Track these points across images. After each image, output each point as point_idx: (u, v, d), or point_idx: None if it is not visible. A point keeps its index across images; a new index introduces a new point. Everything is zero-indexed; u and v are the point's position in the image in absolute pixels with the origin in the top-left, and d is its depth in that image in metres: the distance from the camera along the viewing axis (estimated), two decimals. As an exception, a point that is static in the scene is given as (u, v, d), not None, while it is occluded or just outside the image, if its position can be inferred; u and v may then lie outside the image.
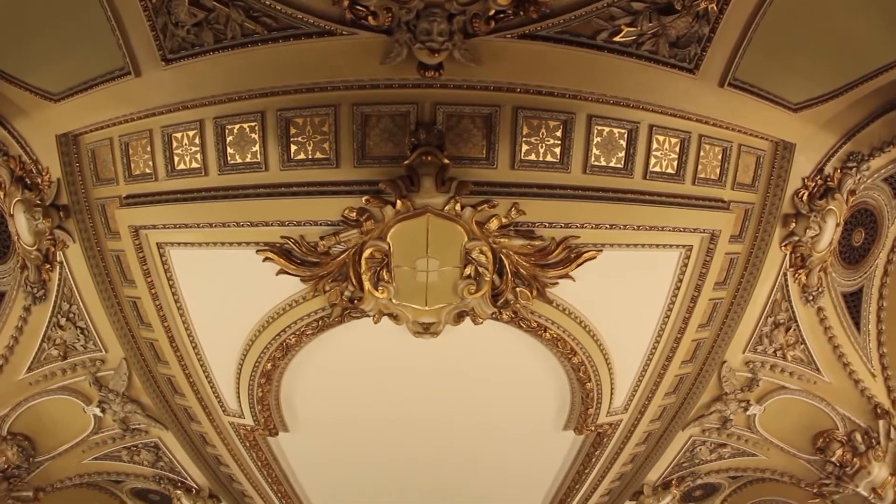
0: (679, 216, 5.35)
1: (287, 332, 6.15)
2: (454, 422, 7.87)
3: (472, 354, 6.63)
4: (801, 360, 7.04)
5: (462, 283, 5.33)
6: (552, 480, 9.63)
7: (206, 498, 9.77)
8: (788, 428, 7.83)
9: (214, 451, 8.67)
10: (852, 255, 6.75)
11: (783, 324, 6.72)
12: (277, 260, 5.25)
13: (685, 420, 7.78)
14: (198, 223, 5.27)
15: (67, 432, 7.95)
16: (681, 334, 6.47)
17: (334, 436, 8.26)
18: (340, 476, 9.52)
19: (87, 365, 7.06)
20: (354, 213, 4.85)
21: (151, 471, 9.12)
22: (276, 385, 6.94)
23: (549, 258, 5.30)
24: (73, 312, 6.64)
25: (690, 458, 8.80)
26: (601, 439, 8.12)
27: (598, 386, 6.88)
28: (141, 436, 8.24)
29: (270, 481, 9.37)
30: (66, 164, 5.34)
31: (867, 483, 7.34)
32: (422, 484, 9.76)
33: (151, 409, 7.65)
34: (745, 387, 7.24)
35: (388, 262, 5.15)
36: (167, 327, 6.43)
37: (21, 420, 7.41)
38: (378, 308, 5.58)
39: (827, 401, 7.30)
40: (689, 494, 9.91)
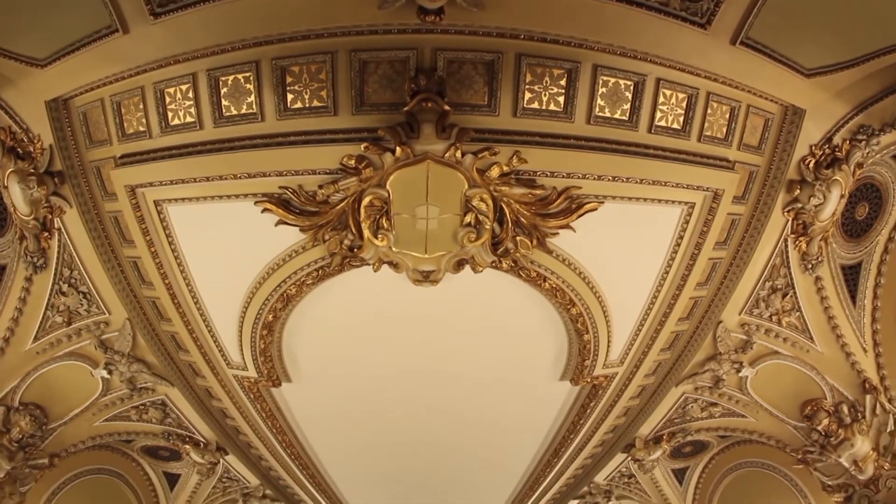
0: (683, 173, 5.33)
1: (287, 283, 6.17)
2: (452, 369, 8.02)
3: (471, 303, 6.70)
4: (795, 327, 7.12)
5: (462, 230, 5.33)
6: (548, 430, 9.91)
7: (213, 451, 10.11)
8: (778, 393, 7.97)
9: (220, 405, 8.89)
10: (854, 228, 6.75)
11: (780, 289, 6.78)
12: (276, 210, 5.23)
13: (679, 377, 7.93)
14: (194, 178, 5.22)
15: (77, 397, 8.09)
16: (679, 291, 6.54)
17: (335, 385, 8.42)
18: (342, 425, 9.82)
19: (92, 328, 7.13)
20: (353, 160, 4.80)
21: (160, 428, 9.33)
22: (277, 336, 7.01)
23: (550, 208, 5.30)
24: (74, 278, 6.66)
25: (682, 415, 9.01)
26: (596, 391, 8.31)
27: (595, 338, 7.00)
28: (148, 394, 8.40)
29: (275, 431, 9.63)
30: (58, 130, 5.26)
31: (849, 455, 7.47)
32: (420, 431, 10.10)
33: (157, 366, 7.77)
34: (739, 348, 7.36)
35: (388, 209, 5.14)
36: (168, 285, 6.47)
37: (31, 389, 7.51)
38: (378, 256, 5.58)
39: (818, 370, 7.40)
40: (679, 450, 10.19)
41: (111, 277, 6.46)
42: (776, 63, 4.90)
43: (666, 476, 11.15)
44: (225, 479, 11.55)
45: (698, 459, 10.70)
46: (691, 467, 10.94)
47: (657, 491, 11.48)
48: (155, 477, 11.03)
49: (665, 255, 6.18)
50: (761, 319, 7.06)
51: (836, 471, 7.75)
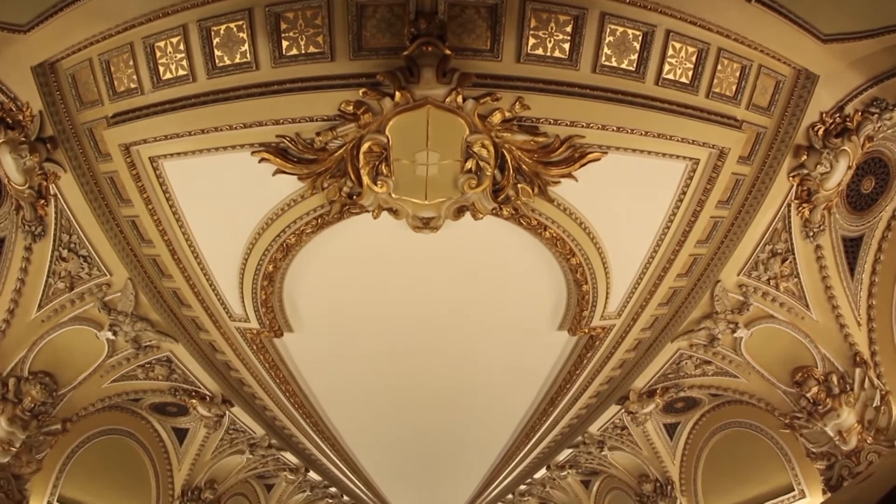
0: (689, 128, 5.32)
1: (287, 232, 6.20)
2: (452, 317, 8.19)
3: (471, 251, 6.75)
4: (792, 293, 7.22)
5: (462, 177, 5.32)
6: (544, 379, 10.21)
7: (219, 404, 10.37)
8: (771, 357, 8.13)
9: (224, 358, 9.13)
10: (859, 201, 6.74)
11: (780, 254, 6.86)
12: (273, 160, 5.19)
13: (675, 332, 8.11)
14: (189, 131, 5.17)
15: (84, 361, 8.20)
16: (679, 247, 6.63)
17: (337, 333, 8.60)
18: (344, 373, 10.11)
19: (94, 291, 7.20)
20: (351, 106, 4.73)
21: (166, 384, 9.53)
22: (278, 287, 7.10)
23: (553, 156, 5.30)
24: (73, 242, 6.65)
25: (676, 371, 9.23)
26: (593, 342, 8.54)
27: (594, 289, 7.14)
28: (153, 352, 8.54)
29: (278, 381, 9.93)
30: (47, 95, 5.15)
31: (835, 425, 7.62)
32: (420, 378, 10.43)
33: (160, 324, 7.90)
34: (735, 309, 7.49)
35: (387, 155, 5.10)
36: (168, 241, 6.52)
37: (39, 358, 7.60)
38: (377, 203, 5.57)
39: (811, 338, 7.52)
40: (671, 405, 10.46)
41: (110, 239, 6.49)
42: (792, 24, 4.84)
43: (657, 430, 11.48)
44: (231, 431, 11.90)
45: (689, 416, 10.99)
46: (682, 423, 11.25)
47: (648, 444, 11.83)
48: (164, 433, 11.45)
49: (667, 210, 6.23)
50: (759, 282, 7.16)
51: (821, 439, 7.91)
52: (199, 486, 12.37)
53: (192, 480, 12.17)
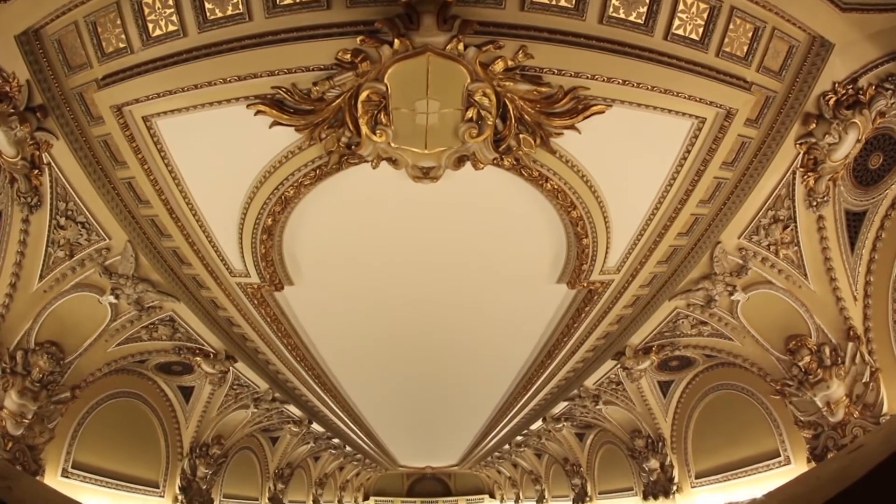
0: (696, 85, 5.32)
1: (285, 185, 6.28)
2: (452, 268, 8.39)
3: (471, 201, 6.84)
4: (791, 260, 7.37)
5: (463, 126, 5.32)
6: (542, 331, 10.58)
7: (223, 360, 10.85)
8: (766, 323, 8.36)
9: (226, 314, 9.47)
10: (866, 176, 6.78)
11: (782, 220, 6.98)
12: (269, 112, 5.17)
13: (673, 291, 8.34)
14: (182, 87, 5.11)
15: (89, 327, 8.48)
16: (681, 205, 6.75)
17: (337, 285, 8.82)
18: (344, 324, 10.47)
19: (94, 257, 7.35)
20: (349, 54, 4.70)
21: (170, 343, 9.93)
22: (278, 240, 7.25)
23: (556, 107, 5.31)
24: (70, 209, 6.74)
25: (672, 329, 9.54)
26: (592, 296, 8.81)
27: (594, 243, 7.31)
28: (156, 312, 8.86)
29: (280, 335, 10.31)
30: (33, 63, 5.10)
31: (824, 396, 7.87)
32: (419, 329, 10.81)
33: (161, 284, 8.12)
34: (734, 271, 7.69)
35: (386, 104, 5.08)
36: (165, 200, 6.61)
37: (44, 328, 7.81)
38: (376, 153, 5.60)
39: (807, 308, 7.70)
40: (666, 363, 10.80)
41: (107, 202, 6.59)
42: (812, -12, 4.80)
43: (651, 387, 11.88)
44: (236, 387, 12.50)
45: (683, 374, 11.33)
46: (676, 381, 11.62)
47: (642, 400, 12.24)
48: (170, 392, 12.02)
49: (670, 167, 6.30)
50: (759, 247, 7.31)
51: (810, 408, 8.20)
52: (207, 442, 13.10)
53: (200, 437, 12.88)
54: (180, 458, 12.51)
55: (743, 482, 10.65)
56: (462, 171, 5.91)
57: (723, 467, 11.26)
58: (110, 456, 10.53)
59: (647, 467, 13.35)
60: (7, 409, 7.50)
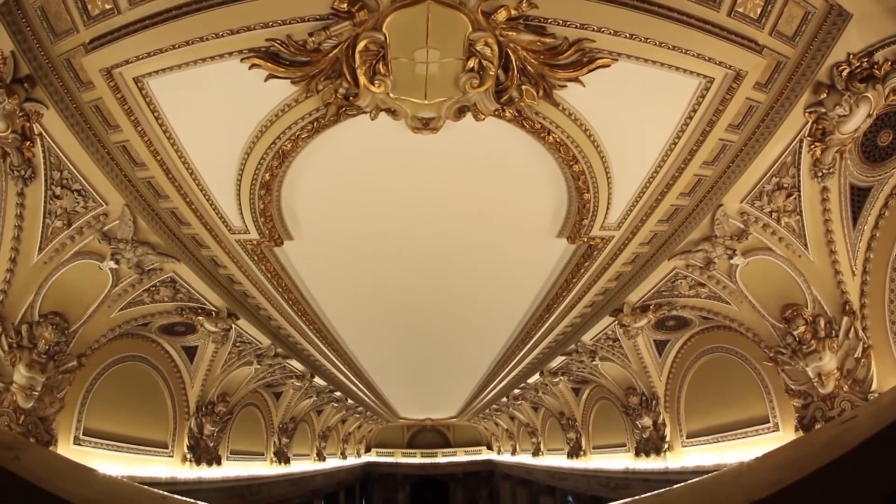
0: (706, 44, 5.32)
1: (282, 139, 6.33)
2: (451, 220, 8.54)
3: (472, 153, 6.90)
4: (793, 229, 7.52)
5: (464, 76, 5.27)
6: (541, 285, 10.87)
7: (225, 318, 11.25)
8: (764, 289, 8.56)
9: (226, 272, 9.73)
10: (874, 152, 6.85)
11: (786, 188, 7.09)
12: (265, 65, 5.11)
13: (672, 251, 8.56)
14: (173, 44, 5.06)
15: (91, 294, 8.68)
16: (684, 165, 6.87)
17: (337, 238, 9.00)
18: (345, 278, 10.71)
19: (93, 223, 7.46)
20: (345, 3, 4.62)
21: (173, 304, 10.24)
22: (276, 195, 7.36)
23: (560, 59, 5.31)
24: (65, 178, 6.78)
25: (670, 289, 9.79)
26: (591, 252, 9.02)
27: (595, 198, 7.45)
28: (157, 274, 9.09)
29: (281, 290, 10.61)
30: (16, 34, 5.04)
31: (816, 367, 8.14)
32: (419, 283, 11.09)
33: (161, 245, 8.28)
34: (734, 235, 7.87)
35: (385, 54, 5.03)
36: (161, 161, 6.68)
37: (47, 299, 7.98)
38: (375, 103, 5.56)
39: (805, 278, 7.89)
40: (663, 322, 11.12)
41: (102, 168, 6.67)
42: (833, -47, 4.78)
43: (647, 345, 12.22)
44: (239, 344, 12.98)
45: (679, 335, 11.65)
46: (672, 341, 11.95)
47: (638, 357, 12.61)
48: (174, 353, 12.49)
49: (675, 126, 6.37)
50: (761, 213, 7.46)
51: (801, 378, 8.49)
52: (212, 399, 13.72)
53: (206, 395, 13.47)
54: (187, 417, 13.10)
55: (732, 445, 11.08)
56: (462, 123, 5.95)
57: (713, 429, 11.71)
58: (119, 420, 11.02)
59: (640, 424, 13.84)
60: (17, 383, 7.82)
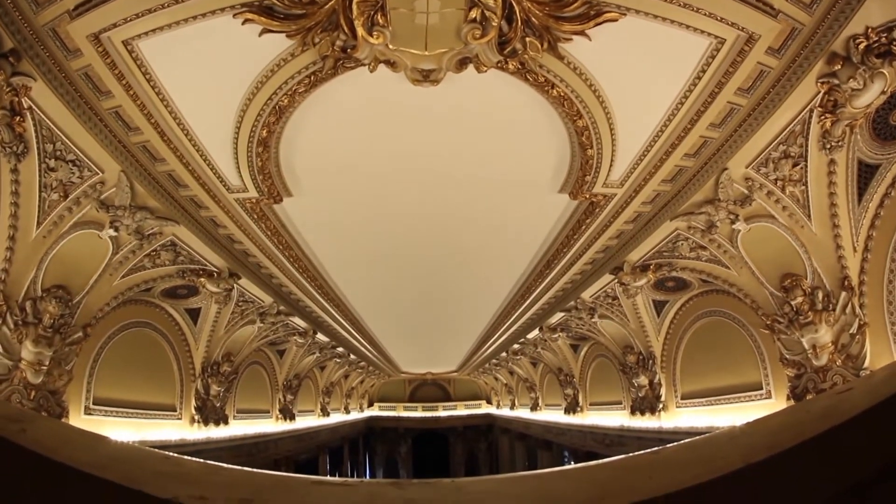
0: (719, 4, 5.29)
1: (278, 94, 6.28)
2: (452, 174, 8.56)
3: (473, 106, 6.86)
4: (797, 199, 7.60)
5: (466, 27, 5.20)
6: (542, 241, 11.00)
7: (227, 278, 11.43)
8: (764, 257, 8.71)
9: (226, 232, 9.81)
10: (885, 130, 6.85)
11: (793, 157, 7.14)
12: (258, 19, 5.04)
13: (675, 211, 8.67)
14: (162, 3, 4.96)
15: (92, 264, 8.77)
16: (691, 125, 6.91)
17: (337, 194, 9.03)
18: (346, 234, 10.82)
19: (89, 193, 7.48)
20: None
21: (174, 268, 10.45)
22: (274, 152, 7.37)
23: (566, 11, 5.26)
24: (59, 150, 6.80)
25: (671, 250, 9.96)
26: (593, 209, 9.12)
27: (598, 154, 7.50)
28: (157, 238, 9.21)
29: (281, 248, 10.73)
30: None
31: (811, 338, 8.34)
32: (420, 238, 11.20)
33: (160, 209, 8.35)
34: (738, 200, 7.97)
35: (383, 4, 4.97)
36: (155, 124, 6.66)
37: (49, 273, 8.05)
38: (373, 55, 5.51)
39: (806, 249, 8.00)
40: (662, 283, 11.33)
41: (96, 136, 6.66)
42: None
43: (646, 305, 12.46)
44: (241, 303, 13.30)
45: (678, 296, 11.87)
46: (670, 302, 12.17)
47: (636, 317, 12.86)
48: (178, 316, 12.74)
49: (683, 86, 6.37)
50: (766, 180, 7.53)
51: (796, 348, 8.71)
52: (217, 360, 14.11)
53: (210, 356, 13.84)
54: (193, 379, 13.52)
55: (725, 409, 11.41)
56: (464, 75, 5.93)
57: (707, 392, 12.03)
58: (128, 387, 11.34)
59: (636, 383, 14.21)
60: (25, 359, 7.98)
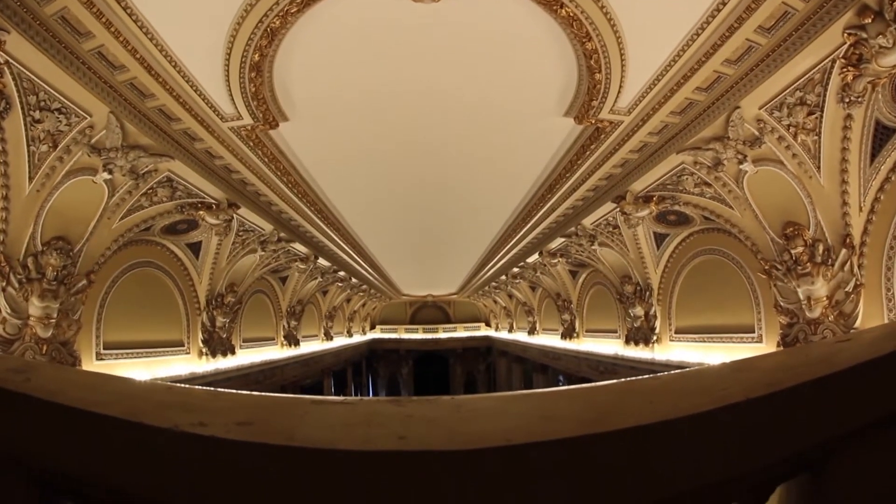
0: None
1: (269, 16, 6.14)
2: (454, 95, 8.44)
3: (477, 25, 6.72)
4: (808, 148, 7.63)
5: None
6: (545, 165, 11.03)
7: (225, 208, 11.58)
8: (769, 202, 8.82)
9: (222, 162, 9.82)
10: None
11: (808, 105, 7.13)
12: None
13: (682, 145, 8.73)
14: None
15: (89, 210, 8.80)
16: (705, 58, 6.86)
17: (335, 118, 8.94)
18: (345, 159, 10.75)
19: (79, 139, 7.43)
20: None
21: (172, 204, 10.52)
22: (267, 76, 7.26)
23: None
24: (42, 101, 6.74)
25: (675, 183, 10.06)
26: (599, 134, 9.15)
27: (607, 79, 7.46)
28: (153, 176, 9.27)
29: (279, 174, 10.73)
30: None
31: (807, 290, 8.54)
32: (421, 160, 11.17)
33: (153, 146, 8.34)
34: (748, 141, 8.01)
35: None
36: (141, 59, 6.53)
37: (47, 226, 8.13)
38: None
39: (812, 200, 8.09)
40: (664, 216, 11.51)
41: (80, 80, 6.56)
42: None
43: (647, 237, 12.66)
44: (241, 233, 13.53)
45: (679, 230, 12.05)
46: (671, 236, 12.36)
47: (636, 247, 13.08)
48: (179, 251, 12.91)
49: (700, 16, 6.28)
50: (779, 124, 7.54)
51: (791, 297, 8.95)
52: (221, 292, 14.51)
53: (214, 288, 14.21)
54: (198, 312, 13.94)
55: (716, 346, 11.81)
56: None
57: (700, 328, 12.42)
58: (135, 328, 11.73)
59: (632, 313, 14.61)
60: (33, 316, 8.25)
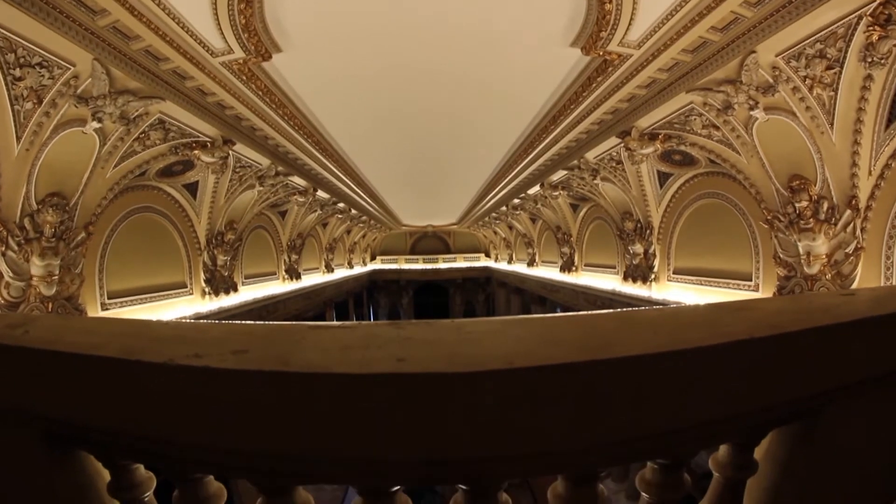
0: None
1: None
2: (456, 21, 8.11)
3: None
4: (823, 103, 7.50)
5: None
6: (549, 96, 10.82)
7: (221, 146, 11.53)
8: (777, 152, 8.73)
9: (215, 99, 9.64)
10: None
11: (828, 59, 6.96)
12: None
13: (692, 84, 8.58)
14: None
15: (82, 162, 8.71)
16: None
17: (330, 48, 8.67)
18: (342, 90, 10.48)
19: (64, 91, 7.28)
20: None
21: (166, 146, 10.46)
22: (258, 6, 7.04)
23: None
24: (21, 57, 6.68)
25: (683, 123, 9.95)
26: (606, 67, 8.94)
27: (617, 10, 7.26)
28: (144, 120, 9.14)
29: (275, 107, 10.54)
30: None
31: (807, 245, 8.58)
32: (422, 91, 10.88)
33: (142, 89, 8.18)
34: (761, 87, 7.85)
35: None
36: (122, 0, 6.34)
37: (40, 184, 8.16)
38: None
39: (822, 156, 8.01)
40: (669, 155, 11.42)
41: (58, 29, 6.42)
42: None
43: (650, 175, 12.60)
44: (238, 169, 13.53)
45: (684, 171, 11.98)
46: (675, 176, 12.31)
47: (639, 184, 13.04)
48: (176, 193, 12.85)
49: (721, -50, 6.06)
50: (795, 74, 7.38)
51: (791, 250, 9.00)
52: (220, 230, 14.62)
53: (213, 227, 14.31)
54: (199, 252, 14.10)
55: (712, 291, 12.00)
56: None
57: (698, 271, 12.57)
58: (138, 274, 11.86)
59: (631, 250, 14.77)
60: (35, 275, 8.40)
